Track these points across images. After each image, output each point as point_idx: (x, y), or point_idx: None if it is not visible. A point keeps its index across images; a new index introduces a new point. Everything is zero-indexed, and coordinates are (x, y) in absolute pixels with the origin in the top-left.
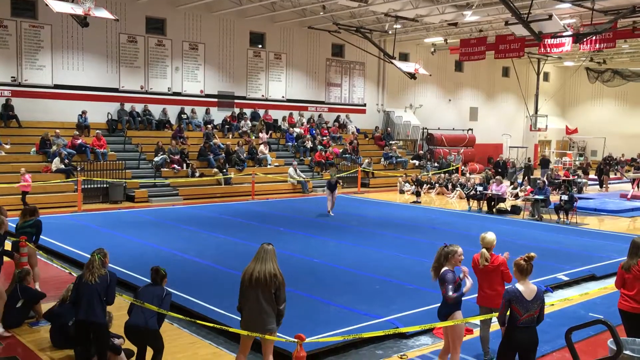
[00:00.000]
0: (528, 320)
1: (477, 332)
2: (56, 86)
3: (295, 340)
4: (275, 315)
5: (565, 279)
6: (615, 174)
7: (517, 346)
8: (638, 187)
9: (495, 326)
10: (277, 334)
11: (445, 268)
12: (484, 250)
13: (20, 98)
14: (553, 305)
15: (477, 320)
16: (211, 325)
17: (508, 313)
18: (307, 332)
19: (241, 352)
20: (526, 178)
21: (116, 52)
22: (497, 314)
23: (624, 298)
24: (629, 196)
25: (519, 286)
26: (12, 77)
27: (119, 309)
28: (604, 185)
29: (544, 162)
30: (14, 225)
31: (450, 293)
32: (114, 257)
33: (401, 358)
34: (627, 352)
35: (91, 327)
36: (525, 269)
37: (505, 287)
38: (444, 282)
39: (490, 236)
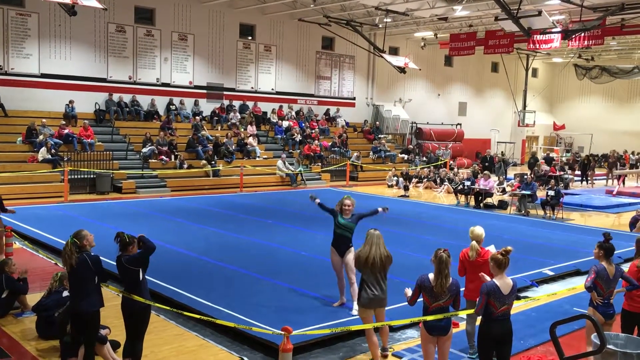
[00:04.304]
0: (503, 313)
1: (462, 325)
2: (43, 75)
3: (282, 332)
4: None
5: (551, 273)
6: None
7: (493, 337)
8: (624, 184)
9: (480, 320)
10: (264, 326)
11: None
12: (474, 242)
13: (7, 87)
14: (538, 299)
15: (463, 314)
16: (198, 317)
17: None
18: (294, 325)
19: (369, 328)
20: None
21: (104, 41)
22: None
23: (635, 300)
24: (614, 192)
25: (497, 281)
26: None
27: (107, 300)
28: (590, 181)
29: (548, 160)
30: None
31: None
32: (101, 249)
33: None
34: (610, 346)
35: (81, 317)
36: (503, 262)
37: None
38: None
39: (479, 230)
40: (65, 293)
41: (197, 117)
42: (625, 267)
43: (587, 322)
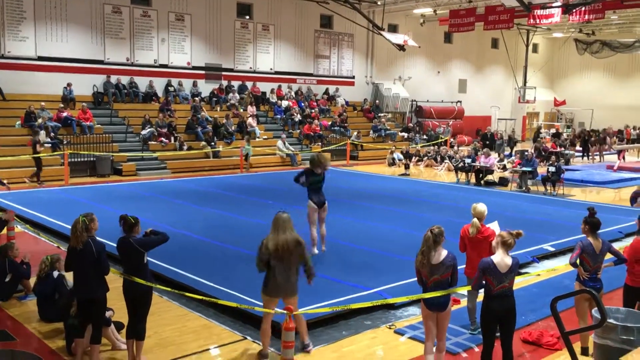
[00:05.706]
0: (502, 291)
1: (464, 302)
2: (40, 58)
3: (285, 311)
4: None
5: (552, 249)
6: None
7: (495, 314)
8: (624, 159)
9: (482, 297)
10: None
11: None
12: (475, 219)
13: (4, 70)
14: (539, 275)
15: (464, 290)
16: (200, 297)
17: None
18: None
19: (268, 316)
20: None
21: (101, 23)
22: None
23: (638, 275)
24: (615, 168)
25: (494, 258)
26: None
27: (110, 282)
28: (591, 156)
29: (557, 136)
30: None
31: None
32: (102, 231)
33: (389, 328)
34: (611, 320)
35: (90, 303)
36: (508, 243)
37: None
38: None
39: (481, 207)
40: (56, 273)
41: (196, 98)
42: (627, 242)
43: (576, 297)
